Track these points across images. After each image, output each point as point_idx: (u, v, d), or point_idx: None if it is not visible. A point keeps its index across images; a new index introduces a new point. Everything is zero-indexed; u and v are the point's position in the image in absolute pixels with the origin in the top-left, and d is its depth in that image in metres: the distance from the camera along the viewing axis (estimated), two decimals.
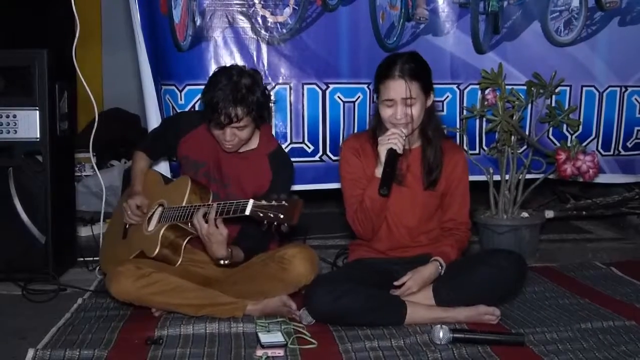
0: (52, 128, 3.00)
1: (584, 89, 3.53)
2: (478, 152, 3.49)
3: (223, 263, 2.46)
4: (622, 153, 3.65)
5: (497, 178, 3.39)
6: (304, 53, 3.26)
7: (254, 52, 3.23)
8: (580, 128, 3.51)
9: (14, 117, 2.95)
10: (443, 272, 2.54)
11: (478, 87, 3.40)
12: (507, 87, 3.30)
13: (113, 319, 2.52)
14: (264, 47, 3.24)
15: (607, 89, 3.56)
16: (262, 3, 3.21)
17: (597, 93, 3.55)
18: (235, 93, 2.47)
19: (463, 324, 2.42)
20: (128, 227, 2.78)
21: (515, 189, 3.37)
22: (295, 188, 2.96)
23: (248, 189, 2.60)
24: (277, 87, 3.26)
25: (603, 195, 3.93)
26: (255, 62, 3.22)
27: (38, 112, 2.96)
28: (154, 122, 3.27)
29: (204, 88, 2.57)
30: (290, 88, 3.28)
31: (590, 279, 3.04)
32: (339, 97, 3.32)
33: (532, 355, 2.18)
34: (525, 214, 3.42)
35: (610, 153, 3.63)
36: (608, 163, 3.63)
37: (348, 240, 3.17)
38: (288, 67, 3.26)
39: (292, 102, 3.28)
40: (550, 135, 3.50)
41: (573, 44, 3.50)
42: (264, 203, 2.24)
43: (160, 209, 2.67)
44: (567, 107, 3.43)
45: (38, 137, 2.97)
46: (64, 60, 3.16)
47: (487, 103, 3.32)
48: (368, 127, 3.20)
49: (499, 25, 3.43)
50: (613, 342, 2.27)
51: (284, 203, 2.22)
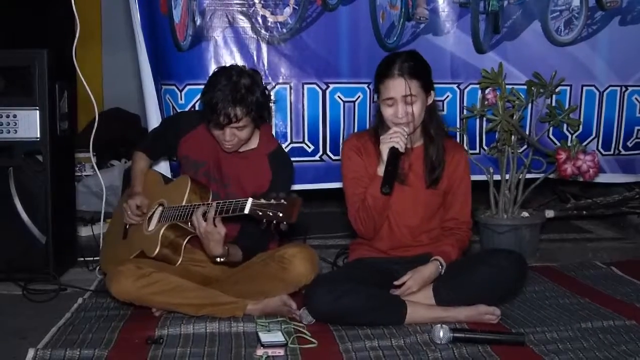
0: (52, 128, 3.00)
1: (584, 89, 3.53)
2: (478, 151, 3.49)
3: (219, 260, 2.47)
4: (622, 153, 3.65)
5: (497, 178, 3.39)
6: (304, 53, 3.26)
7: (254, 51, 3.23)
8: (581, 128, 3.50)
9: (14, 117, 2.95)
10: (443, 271, 2.54)
11: (478, 86, 3.40)
12: (507, 86, 3.29)
13: (113, 319, 2.52)
14: (264, 46, 3.24)
15: (607, 89, 3.56)
16: (262, 3, 3.21)
17: (597, 93, 3.55)
18: (235, 93, 2.47)
19: (463, 324, 2.42)
20: (128, 227, 2.78)
21: (516, 189, 3.36)
22: (296, 188, 2.95)
23: (248, 189, 2.60)
24: (277, 86, 3.26)
25: (603, 195, 3.93)
26: (256, 61, 3.22)
27: (38, 112, 2.95)
28: (154, 122, 3.27)
29: (204, 88, 2.57)
30: (291, 88, 3.27)
31: (591, 279, 3.04)
32: (339, 96, 3.32)
33: (532, 355, 2.17)
34: (526, 214, 3.42)
35: (611, 153, 3.63)
36: (608, 163, 3.62)
37: (348, 240, 3.16)
38: (288, 66, 3.26)
39: (292, 101, 3.28)
40: (551, 135, 3.49)
41: (573, 44, 3.50)
42: (263, 202, 2.24)
43: (160, 209, 2.68)
44: (567, 106, 3.43)
45: (38, 137, 2.97)
46: (64, 60, 3.16)
47: (487, 103, 3.32)
48: (368, 126, 3.22)
49: (499, 25, 3.43)
50: (613, 341, 2.27)
51: (283, 201, 2.22)
